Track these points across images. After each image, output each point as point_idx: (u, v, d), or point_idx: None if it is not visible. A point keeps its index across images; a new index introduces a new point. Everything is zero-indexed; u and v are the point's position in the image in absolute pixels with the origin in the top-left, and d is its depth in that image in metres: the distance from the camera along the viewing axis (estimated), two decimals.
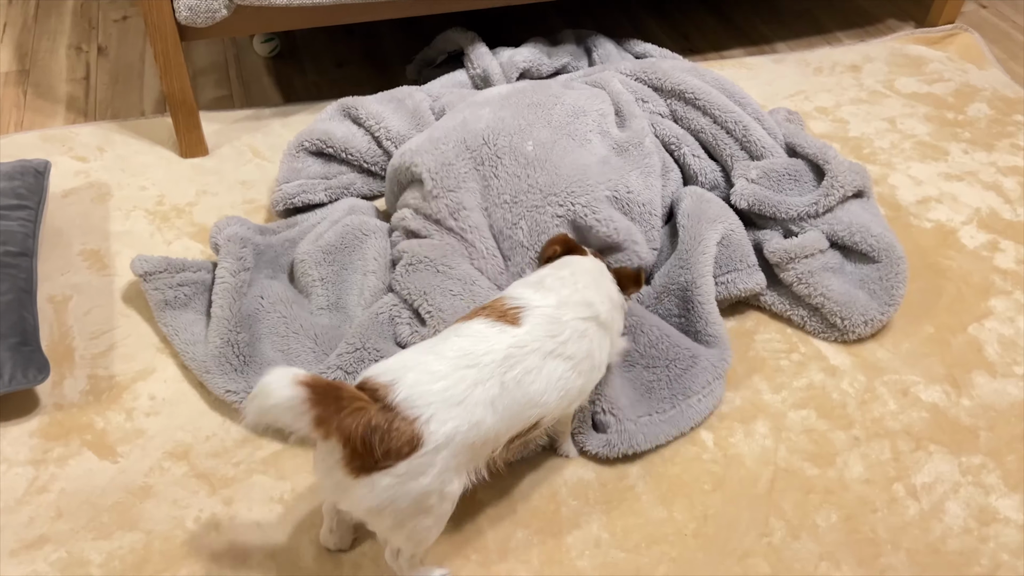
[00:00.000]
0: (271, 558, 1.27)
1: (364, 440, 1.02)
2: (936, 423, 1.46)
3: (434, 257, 1.50)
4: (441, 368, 1.10)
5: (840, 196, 1.65)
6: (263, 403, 1.00)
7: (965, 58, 2.31)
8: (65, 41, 2.35)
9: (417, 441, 1.04)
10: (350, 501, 1.08)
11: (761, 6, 2.52)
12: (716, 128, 1.78)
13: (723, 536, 1.30)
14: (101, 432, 1.42)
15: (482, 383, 1.10)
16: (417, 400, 1.05)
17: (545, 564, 1.26)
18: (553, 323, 1.20)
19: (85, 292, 1.64)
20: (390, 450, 1.03)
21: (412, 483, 1.06)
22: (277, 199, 1.75)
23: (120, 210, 1.82)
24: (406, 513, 1.09)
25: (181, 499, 1.34)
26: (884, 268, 1.60)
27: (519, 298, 1.23)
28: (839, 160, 1.69)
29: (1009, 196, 1.89)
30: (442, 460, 1.07)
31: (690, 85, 1.80)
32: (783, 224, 1.68)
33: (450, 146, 1.58)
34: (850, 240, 1.62)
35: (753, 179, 1.71)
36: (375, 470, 1.04)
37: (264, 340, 1.48)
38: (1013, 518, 1.33)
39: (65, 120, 2.08)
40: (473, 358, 1.12)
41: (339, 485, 1.06)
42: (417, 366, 1.09)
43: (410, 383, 1.07)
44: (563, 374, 1.18)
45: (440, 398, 1.07)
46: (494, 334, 1.16)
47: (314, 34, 2.39)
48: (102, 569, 1.25)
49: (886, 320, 1.58)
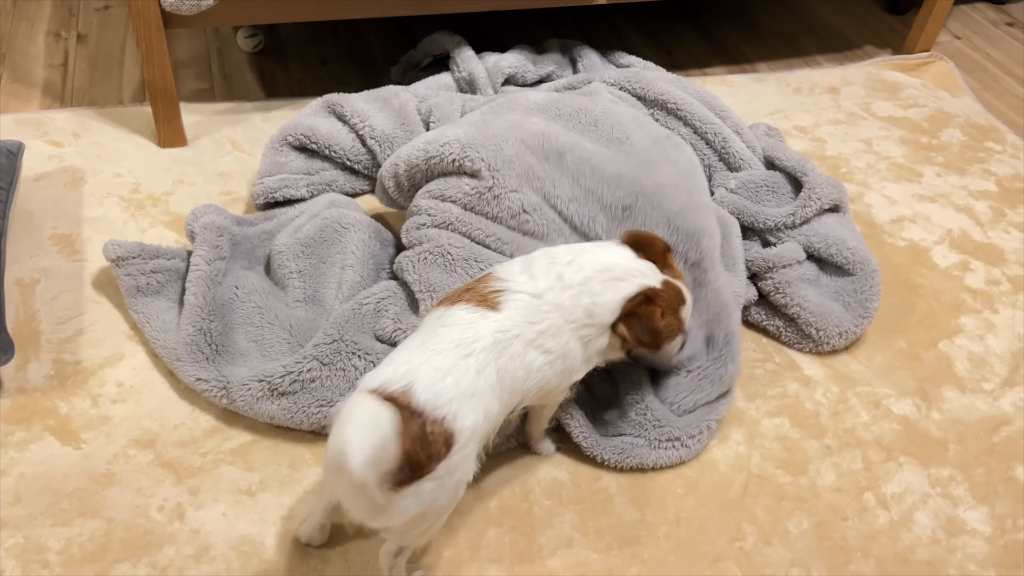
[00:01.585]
0: (235, 549, 1.24)
1: (410, 455, 1.00)
2: (907, 435, 1.47)
3: (456, 256, 1.46)
4: (445, 363, 1.08)
5: (817, 208, 1.67)
6: (353, 444, 0.92)
7: (939, 85, 2.36)
8: (44, 27, 2.32)
9: (452, 439, 1.03)
10: (389, 517, 1.03)
11: (744, 27, 2.56)
12: (696, 139, 1.80)
13: (695, 539, 1.30)
14: (65, 417, 1.39)
15: (482, 371, 1.10)
16: (438, 399, 1.04)
17: (516, 563, 1.25)
18: (531, 310, 1.17)
19: (54, 276, 1.61)
20: (431, 454, 1.02)
21: (450, 480, 1.05)
22: (258, 192, 1.73)
23: (94, 196, 1.79)
24: (442, 510, 1.09)
25: (145, 488, 1.30)
26: (859, 281, 1.61)
27: (504, 278, 1.20)
28: (817, 173, 1.72)
29: (980, 219, 1.93)
30: (470, 452, 1.08)
31: (673, 95, 1.82)
32: (761, 234, 1.69)
33: (511, 145, 1.52)
34: (826, 252, 1.64)
35: (732, 189, 1.73)
36: (417, 479, 1.01)
37: (238, 330, 1.46)
38: (980, 530, 1.34)
39: (41, 105, 2.04)
40: (467, 347, 1.11)
41: (375, 505, 1.02)
42: (422, 365, 1.07)
43: (424, 384, 1.05)
44: (541, 365, 1.17)
45: (456, 393, 1.06)
46: (477, 320, 1.14)
47: (299, 31, 2.38)
48: (60, 556, 1.21)
49: (860, 332, 1.59)
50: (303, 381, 1.36)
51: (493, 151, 1.51)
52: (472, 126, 1.59)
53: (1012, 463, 1.44)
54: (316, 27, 2.40)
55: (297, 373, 1.36)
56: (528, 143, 1.54)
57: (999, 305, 1.72)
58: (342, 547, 1.25)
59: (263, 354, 1.43)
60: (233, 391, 1.37)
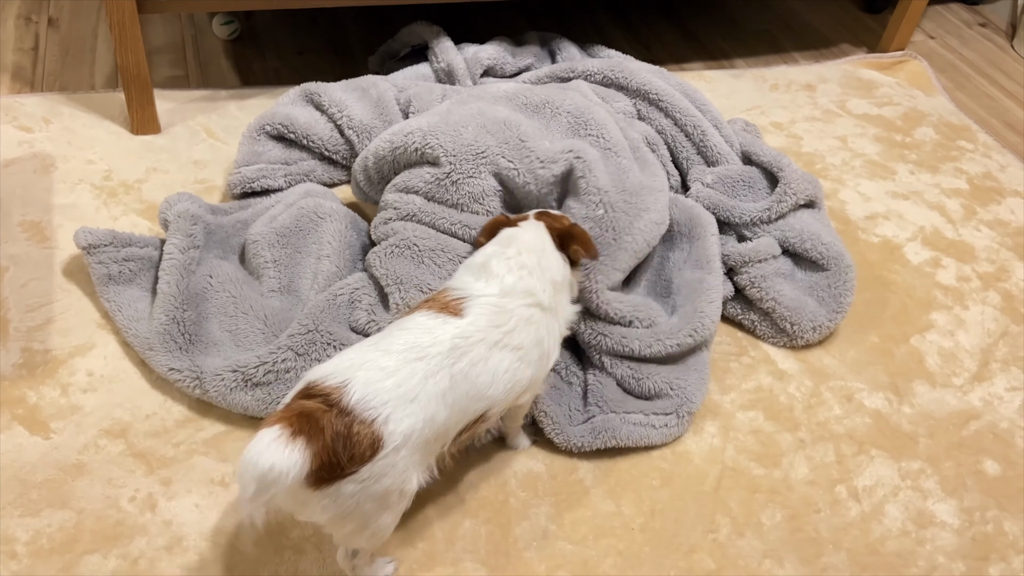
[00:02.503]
0: (209, 540, 1.23)
1: (329, 456, 0.98)
2: (878, 429, 1.49)
3: (423, 248, 1.46)
4: (390, 364, 1.06)
5: (792, 203, 1.68)
6: (275, 488, 0.95)
7: (913, 84, 2.39)
8: (14, 11, 2.27)
9: (378, 443, 1.01)
10: (311, 512, 1.04)
11: (722, 23, 2.57)
12: (676, 130, 1.81)
13: (670, 531, 1.30)
14: (33, 407, 1.36)
15: (432, 376, 1.07)
16: (372, 400, 1.02)
17: (492, 555, 1.25)
18: (498, 313, 1.17)
19: (23, 264, 1.58)
20: (353, 456, 1.00)
21: (375, 486, 1.03)
22: (235, 182, 1.71)
23: (64, 183, 1.75)
24: (369, 515, 1.06)
25: (116, 478, 1.29)
26: (832, 276, 1.63)
27: (461, 289, 1.20)
28: (793, 168, 1.73)
29: (952, 216, 1.95)
30: (402, 459, 1.04)
31: (655, 86, 1.82)
32: (737, 229, 1.70)
33: (470, 130, 1.54)
34: (801, 247, 1.65)
35: (708, 184, 1.74)
36: (338, 479, 1.00)
37: (211, 319, 1.44)
38: (949, 522, 1.36)
39: (10, 89, 2.00)
40: (420, 350, 1.09)
41: (296, 499, 1.02)
42: (365, 363, 1.05)
43: (362, 382, 1.03)
44: (510, 366, 1.15)
45: (394, 395, 1.04)
46: (438, 325, 1.13)
47: (276, 19, 2.35)
48: (28, 547, 1.19)
49: (833, 327, 1.61)
50: (277, 372, 1.35)
51: (452, 137, 1.53)
52: (436, 115, 1.60)
53: (980, 456, 1.46)
54: (293, 15, 2.38)
55: (271, 364, 1.35)
56: (489, 129, 1.54)
57: (969, 301, 1.75)
58: (316, 538, 1.24)
59: (237, 344, 1.42)
60: (206, 381, 1.35)
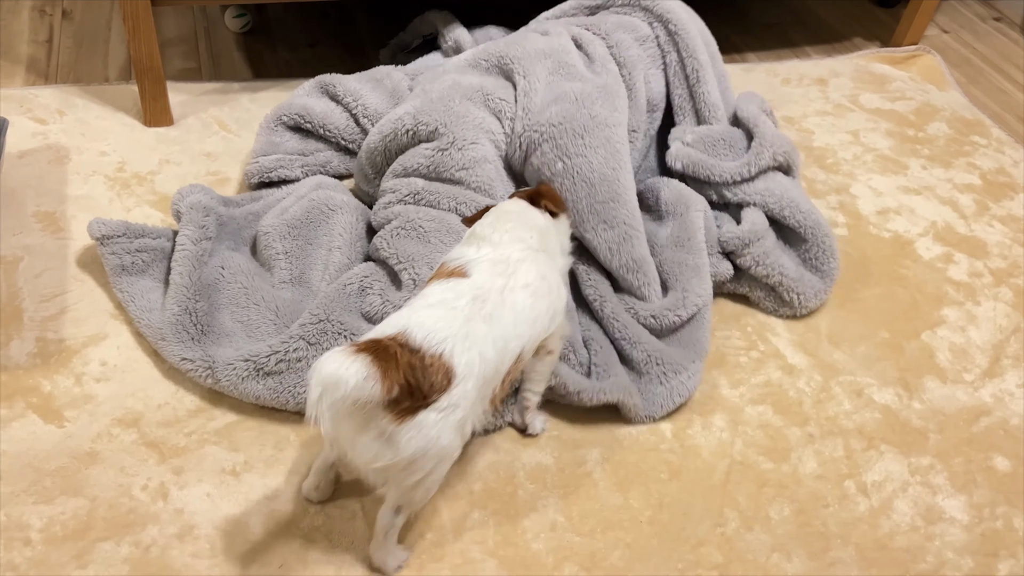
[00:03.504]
0: (219, 529, 1.24)
1: (409, 382, 1.03)
2: (888, 424, 1.49)
3: (428, 228, 1.49)
4: (435, 313, 1.13)
5: (770, 157, 1.69)
6: (337, 393, 0.97)
7: (926, 79, 2.37)
8: (29, 3, 2.29)
9: (451, 373, 1.08)
10: (394, 451, 1.06)
11: (733, 17, 2.56)
12: (679, 67, 1.80)
13: (678, 524, 1.31)
14: (48, 396, 1.38)
15: (469, 320, 1.14)
16: (435, 338, 1.08)
17: (500, 545, 1.26)
18: (497, 264, 1.23)
19: (37, 254, 1.59)
20: (433, 384, 1.06)
21: (452, 416, 1.09)
22: (253, 171, 1.72)
23: (78, 174, 1.77)
24: (443, 455, 1.11)
25: (129, 467, 1.30)
26: (813, 246, 1.66)
27: (459, 257, 1.26)
28: (768, 125, 1.75)
29: (964, 212, 1.95)
30: (471, 390, 1.10)
31: (677, 17, 1.81)
32: (717, 189, 1.71)
33: (457, 101, 1.60)
34: (779, 213, 1.67)
35: (688, 143, 1.74)
36: (421, 408, 1.05)
37: (223, 310, 1.45)
38: (958, 518, 1.36)
39: (25, 81, 2.02)
40: (451, 303, 1.15)
41: (381, 437, 1.05)
42: (413, 317, 1.12)
43: (420, 327, 1.09)
44: (524, 301, 1.21)
45: (449, 333, 1.10)
46: (454, 286, 1.19)
47: (287, 12, 2.36)
48: (42, 534, 1.21)
49: (828, 295, 1.66)
50: (289, 361, 1.36)
51: (443, 110, 1.58)
52: (416, 97, 1.67)
53: (991, 453, 1.46)
54: (305, 8, 2.38)
55: (283, 353, 1.36)
56: (471, 98, 1.61)
57: (981, 297, 1.74)
58: (326, 527, 1.25)
59: (249, 335, 1.43)
60: (218, 371, 1.36)
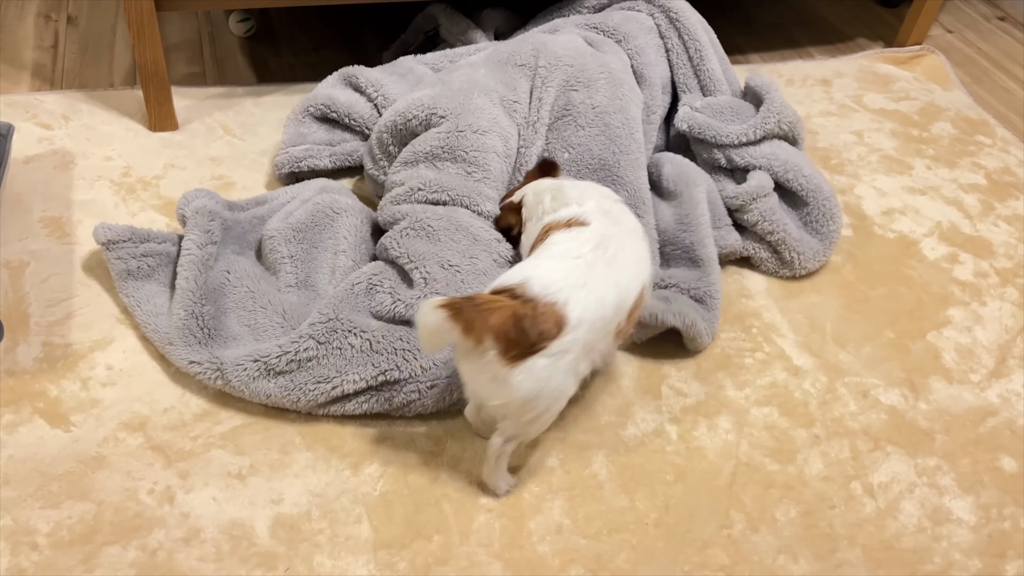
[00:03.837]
0: (225, 533, 1.24)
1: (517, 328, 1.13)
2: (894, 425, 1.48)
3: (437, 228, 1.49)
4: (557, 264, 1.23)
5: (775, 124, 1.75)
6: (421, 334, 1.14)
7: (931, 79, 2.37)
8: (34, 9, 2.30)
9: (563, 320, 1.16)
10: (507, 392, 1.16)
11: (736, 18, 2.56)
12: (682, 50, 1.89)
13: (684, 526, 1.31)
14: (54, 400, 1.38)
15: (592, 266, 1.23)
16: (550, 288, 1.18)
17: (506, 548, 1.26)
18: (606, 213, 1.34)
19: (44, 259, 1.60)
20: (542, 332, 1.15)
21: (562, 361, 1.17)
22: (282, 161, 1.75)
23: (84, 179, 1.77)
24: (555, 395, 1.21)
25: (135, 471, 1.30)
26: (814, 209, 1.72)
27: (562, 214, 1.35)
28: (779, 95, 1.81)
29: (969, 212, 1.94)
30: (582, 336, 1.18)
31: (677, 5, 1.91)
32: (724, 151, 1.75)
33: (475, 95, 1.65)
34: (783, 177, 1.72)
35: (697, 108, 1.81)
36: (531, 354, 1.14)
37: (230, 314, 1.46)
38: (965, 519, 1.36)
39: (30, 87, 2.03)
40: (576, 251, 1.25)
41: (495, 379, 1.15)
42: (536, 268, 1.22)
43: (539, 277, 1.19)
44: (637, 244, 1.33)
45: (568, 283, 1.19)
46: (577, 234, 1.29)
47: (291, 16, 2.37)
48: (49, 538, 1.21)
49: (827, 257, 1.72)
50: (299, 360, 1.36)
51: (462, 101, 1.63)
52: (434, 85, 1.71)
53: (998, 453, 1.46)
54: (309, 12, 2.39)
55: (293, 352, 1.36)
56: (490, 96, 1.67)
57: (987, 297, 1.74)
58: (331, 531, 1.25)
59: (256, 338, 1.43)
60: (228, 371, 1.36)
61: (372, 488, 1.31)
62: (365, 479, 1.32)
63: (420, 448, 1.37)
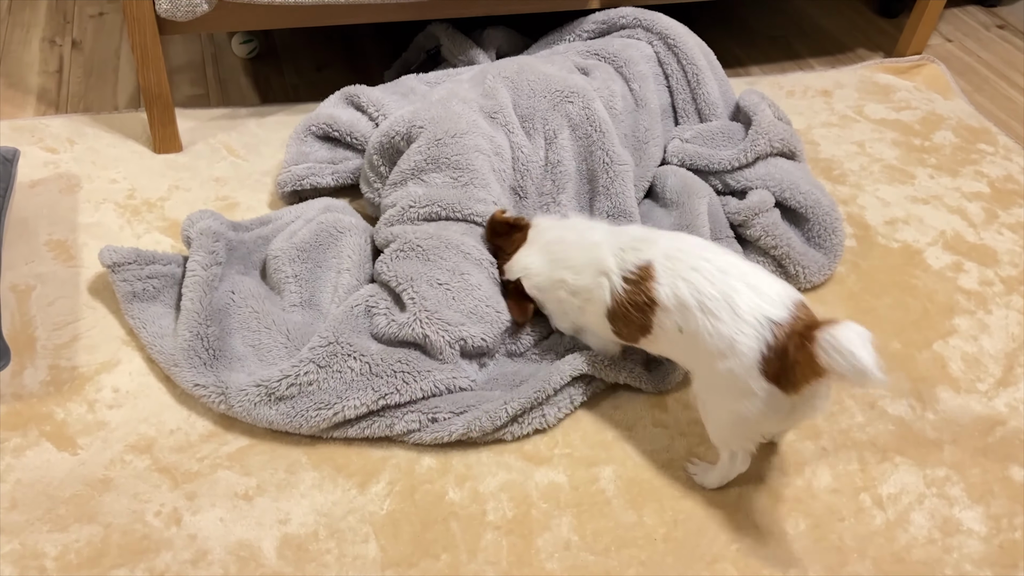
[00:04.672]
0: (232, 554, 1.24)
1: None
2: (902, 436, 1.48)
3: (427, 247, 1.50)
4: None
5: (766, 144, 1.76)
6: (852, 363, 1.10)
7: (931, 88, 2.37)
8: (39, 34, 2.32)
9: None
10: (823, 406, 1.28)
11: (736, 30, 2.58)
12: (681, 75, 1.91)
13: (692, 541, 1.30)
14: (61, 423, 1.38)
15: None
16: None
17: (514, 565, 1.25)
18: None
19: (50, 282, 1.60)
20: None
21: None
22: (285, 180, 1.77)
23: (89, 202, 1.79)
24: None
25: (142, 493, 1.30)
26: (815, 224, 1.73)
27: (622, 268, 1.37)
28: (767, 114, 1.81)
29: (973, 220, 1.94)
30: None
31: (675, 31, 1.94)
32: (720, 176, 1.77)
33: (454, 102, 1.68)
34: (781, 196, 1.74)
35: (687, 139, 1.83)
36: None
37: (235, 334, 1.46)
38: (976, 529, 1.35)
39: (35, 111, 2.04)
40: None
41: (819, 397, 1.24)
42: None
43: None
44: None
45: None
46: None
47: (294, 37, 2.39)
48: (57, 562, 1.21)
49: (833, 270, 1.73)
50: (300, 385, 1.36)
51: (440, 111, 1.66)
52: (414, 103, 1.75)
53: (1007, 463, 1.45)
54: (311, 33, 2.40)
55: (294, 377, 1.36)
56: (468, 104, 1.69)
57: (992, 306, 1.73)
58: (338, 551, 1.25)
59: (260, 359, 1.43)
60: (231, 397, 1.37)
61: (379, 507, 1.31)
62: (372, 498, 1.32)
63: (426, 466, 1.37)
